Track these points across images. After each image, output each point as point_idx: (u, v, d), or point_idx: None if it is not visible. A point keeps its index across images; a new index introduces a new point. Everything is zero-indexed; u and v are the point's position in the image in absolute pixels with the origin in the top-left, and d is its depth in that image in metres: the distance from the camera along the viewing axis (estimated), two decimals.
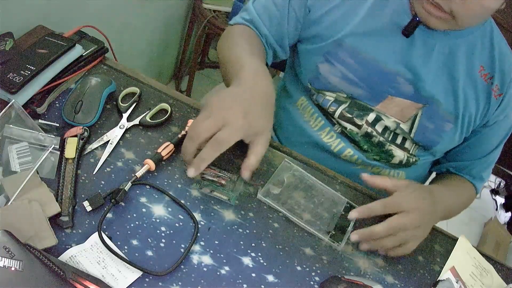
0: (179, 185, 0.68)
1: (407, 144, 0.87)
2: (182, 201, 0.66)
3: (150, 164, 0.67)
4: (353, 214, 0.69)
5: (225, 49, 0.82)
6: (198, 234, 0.63)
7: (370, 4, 0.81)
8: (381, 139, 0.86)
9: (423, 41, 0.79)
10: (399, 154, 0.88)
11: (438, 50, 0.79)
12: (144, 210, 0.63)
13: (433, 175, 1.03)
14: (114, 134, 0.71)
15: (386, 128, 0.85)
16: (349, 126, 0.86)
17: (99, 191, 0.63)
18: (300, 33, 0.86)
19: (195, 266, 0.60)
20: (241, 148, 0.77)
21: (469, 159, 0.92)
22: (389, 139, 0.86)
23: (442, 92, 0.81)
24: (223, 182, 0.69)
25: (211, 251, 0.62)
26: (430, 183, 1.01)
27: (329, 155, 0.90)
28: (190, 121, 0.75)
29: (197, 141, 0.61)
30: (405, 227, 0.68)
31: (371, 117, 0.85)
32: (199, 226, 0.64)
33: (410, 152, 0.88)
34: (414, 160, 0.89)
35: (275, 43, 0.86)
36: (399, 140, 0.87)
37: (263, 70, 0.69)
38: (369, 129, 0.85)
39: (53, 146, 0.64)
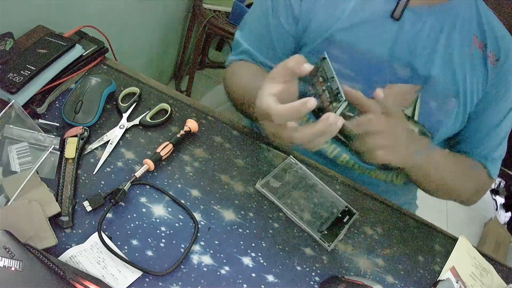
0: (179, 185, 0.68)
1: None
2: (182, 201, 0.66)
3: (149, 164, 0.67)
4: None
5: (234, 86, 0.83)
6: (198, 234, 0.63)
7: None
8: None
9: (412, 22, 0.79)
10: None
11: (431, 26, 0.80)
12: (144, 210, 0.63)
13: None
14: (114, 134, 0.71)
15: None
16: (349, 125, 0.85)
17: (99, 191, 0.63)
18: (294, 45, 0.86)
19: (195, 266, 0.60)
20: (241, 148, 0.77)
21: (476, 138, 0.88)
22: None
23: (440, 69, 0.81)
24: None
25: (211, 251, 0.62)
26: None
27: (327, 161, 0.89)
28: (189, 121, 0.75)
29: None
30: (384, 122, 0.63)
31: None
32: (199, 226, 0.64)
33: None
34: None
35: (272, 65, 0.85)
36: None
37: None
38: None
39: (53, 146, 0.64)
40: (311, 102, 0.53)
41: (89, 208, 0.60)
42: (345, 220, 0.73)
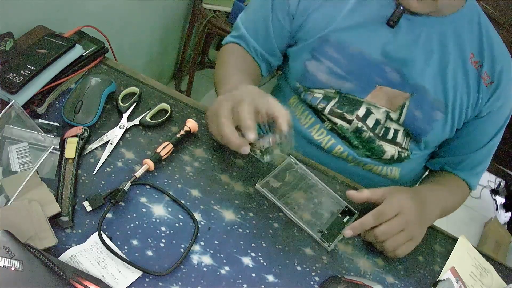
0: (179, 185, 0.68)
1: (399, 138, 0.87)
2: (182, 201, 0.66)
3: (149, 164, 0.67)
4: (347, 232, 0.69)
5: (216, 69, 0.90)
6: (198, 234, 0.63)
7: (353, 0, 0.82)
8: (371, 134, 0.86)
9: (408, 30, 0.80)
10: (389, 150, 0.88)
11: (426, 37, 0.80)
12: (144, 210, 0.63)
13: (427, 172, 1.03)
14: (114, 134, 0.71)
15: (377, 122, 0.85)
16: (339, 121, 0.86)
17: (99, 191, 0.63)
18: (289, 39, 0.89)
19: (195, 266, 0.60)
20: None
21: (463, 153, 0.91)
22: (380, 134, 0.86)
23: (431, 80, 0.81)
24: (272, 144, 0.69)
25: (211, 251, 0.62)
26: (423, 180, 1.01)
27: (322, 152, 0.90)
28: (189, 121, 0.75)
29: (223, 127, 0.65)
30: (400, 221, 0.69)
31: (361, 111, 0.85)
32: (199, 226, 0.64)
33: (403, 146, 0.88)
34: (406, 154, 0.89)
35: (265, 54, 0.90)
36: (390, 135, 0.86)
37: (245, 81, 0.78)
38: (360, 124, 0.86)
39: (53, 146, 0.64)
40: (245, 150, 0.63)
41: (89, 208, 0.60)
42: (345, 220, 0.73)
